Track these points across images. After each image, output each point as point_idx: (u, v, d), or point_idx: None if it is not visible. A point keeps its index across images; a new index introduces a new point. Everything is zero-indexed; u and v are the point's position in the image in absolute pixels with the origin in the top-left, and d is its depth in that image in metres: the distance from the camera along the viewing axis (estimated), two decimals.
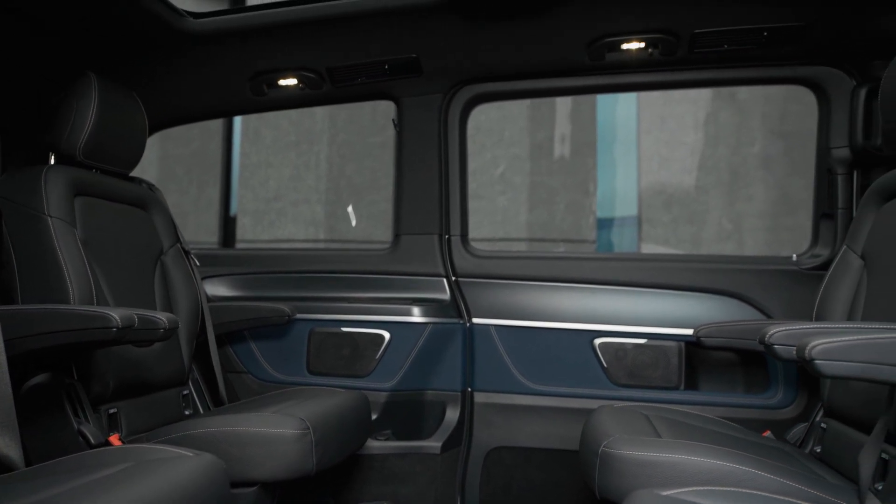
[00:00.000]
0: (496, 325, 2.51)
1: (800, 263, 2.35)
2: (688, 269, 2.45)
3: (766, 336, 1.47)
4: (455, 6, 2.15)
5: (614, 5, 2.13)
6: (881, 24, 2.04)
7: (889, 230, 1.79)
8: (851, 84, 2.25)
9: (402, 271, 2.64)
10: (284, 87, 2.63)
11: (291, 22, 2.31)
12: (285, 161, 9.28)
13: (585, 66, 2.42)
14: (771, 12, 2.10)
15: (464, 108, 2.63)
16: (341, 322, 2.56)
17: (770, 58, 2.30)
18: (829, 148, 2.29)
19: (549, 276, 2.53)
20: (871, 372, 1.25)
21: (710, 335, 2.15)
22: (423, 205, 2.63)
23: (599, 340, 2.43)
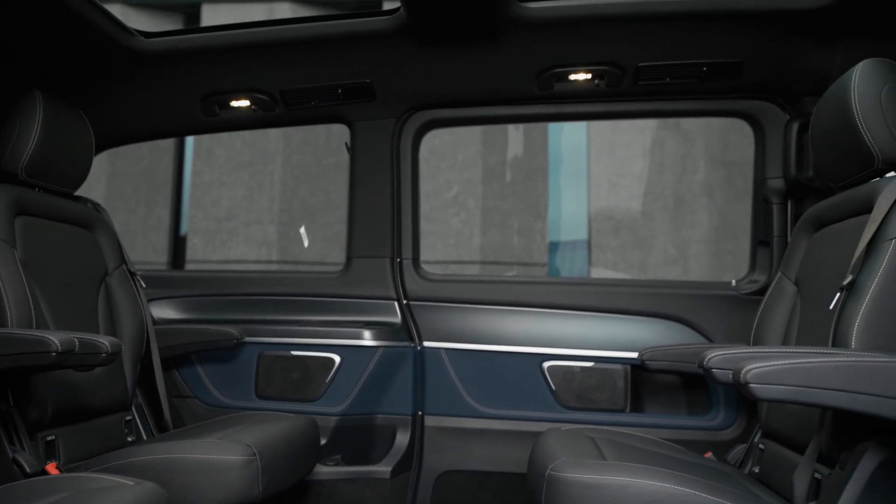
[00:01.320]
0: (447, 348, 2.53)
1: (739, 289, 2.44)
2: (634, 293, 2.51)
3: (704, 360, 1.52)
4: (408, 33, 2.18)
5: (562, 38, 2.20)
6: (810, 62, 2.16)
7: (819, 258, 1.87)
8: (785, 118, 2.36)
9: (353, 294, 2.64)
10: (236, 109, 2.62)
11: (244, 44, 2.31)
12: (238, 181, 9.17)
13: (535, 94, 2.48)
14: (710, 49, 2.19)
15: (416, 133, 2.66)
16: (291, 345, 2.54)
17: (709, 91, 2.40)
18: (765, 178, 2.39)
19: (499, 300, 2.56)
20: (802, 395, 1.30)
21: (654, 358, 2.21)
22: (376, 228, 2.64)
23: (548, 363, 2.46)
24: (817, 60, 2.14)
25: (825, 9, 1.98)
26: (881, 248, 1.54)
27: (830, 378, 1.29)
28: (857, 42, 2.05)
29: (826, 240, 1.87)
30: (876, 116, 1.59)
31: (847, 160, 1.71)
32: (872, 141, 1.60)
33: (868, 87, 1.61)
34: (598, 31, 2.17)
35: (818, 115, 1.81)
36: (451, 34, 2.21)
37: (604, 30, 2.16)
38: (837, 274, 1.66)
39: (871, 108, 1.60)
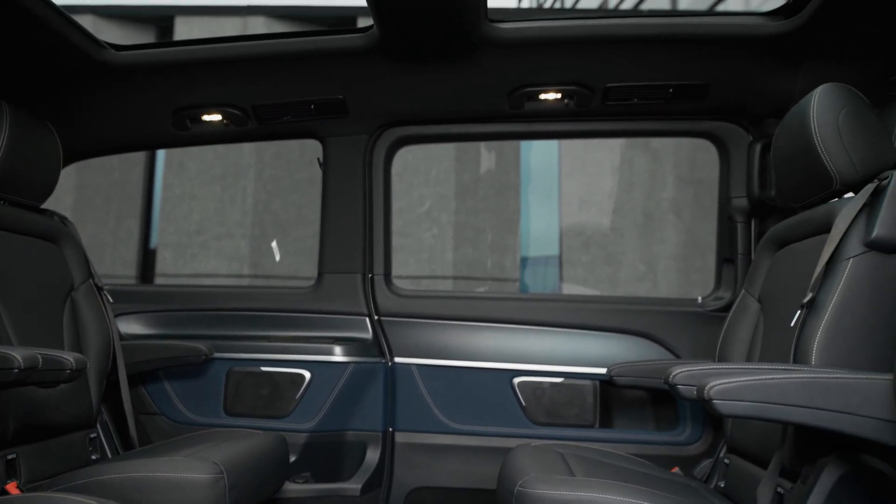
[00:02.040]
0: (418, 364, 2.53)
1: (704, 305, 2.48)
2: (602, 309, 2.54)
3: (669, 376, 1.55)
4: (381, 51, 2.20)
5: (532, 58, 2.24)
6: (772, 86, 2.22)
7: (782, 275, 1.92)
8: (748, 139, 2.42)
9: (324, 310, 2.63)
10: (208, 123, 2.61)
11: (216, 59, 2.31)
12: (210, 194, 9.11)
13: (506, 113, 2.51)
14: (676, 71, 2.25)
15: (389, 149, 2.67)
16: (260, 361, 2.52)
17: (675, 112, 2.45)
18: (730, 197, 2.45)
19: (470, 316, 2.57)
20: (763, 411, 1.33)
21: (622, 374, 2.24)
22: (347, 244, 2.64)
23: (518, 379, 2.48)
24: (779, 84, 2.20)
25: (785, 34, 2.04)
26: (839, 267, 1.59)
27: (791, 394, 1.32)
28: (817, 66, 2.11)
29: (788, 258, 1.92)
30: (834, 140, 1.64)
31: (807, 181, 1.76)
32: (831, 163, 1.65)
33: (826, 111, 1.66)
34: (567, 52, 2.21)
35: (779, 138, 1.86)
36: (424, 52, 2.23)
37: (573, 51, 2.20)
38: (798, 291, 1.70)
39: (829, 131, 1.65)
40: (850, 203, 1.62)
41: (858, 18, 1.86)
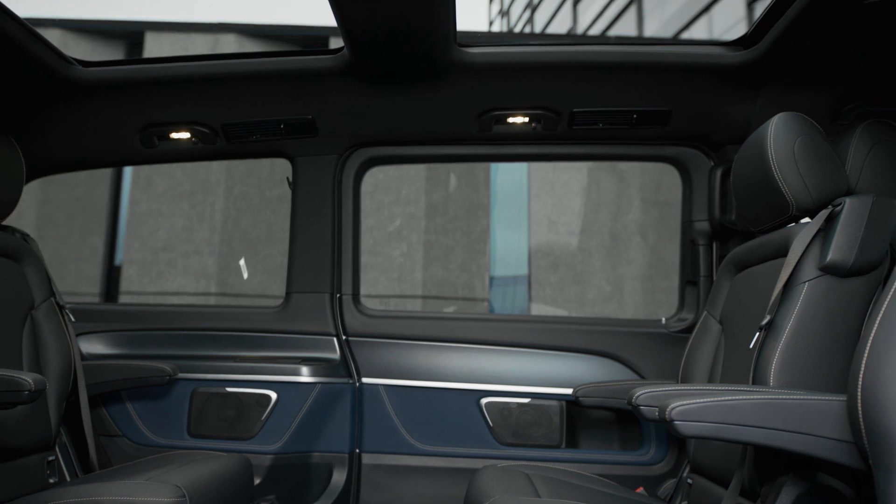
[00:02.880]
0: (385, 384, 2.52)
1: (668, 326, 2.53)
2: (569, 330, 2.56)
3: (632, 398, 1.57)
4: (352, 72, 2.22)
5: (501, 82, 2.27)
6: (732, 113, 2.29)
7: (741, 298, 1.96)
8: (709, 164, 2.48)
9: (292, 330, 2.61)
10: (176, 141, 2.59)
11: (186, 77, 2.30)
12: (178, 211, 9.00)
13: (475, 135, 2.54)
14: (640, 97, 2.30)
15: (358, 169, 2.68)
16: (226, 382, 2.49)
17: (640, 137, 2.51)
18: (692, 221, 2.50)
19: (438, 336, 2.58)
20: (723, 432, 1.36)
21: (588, 395, 2.26)
22: (316, 263, 2.63)
23: (486, 400, 2.49)
24: (738, 112, 2.27)
25: (745, 64, 2.10)
26: (796, 290, 1.63)
27: (749, 415, 1.35)
28: (774, 95, 2.18)
29: (747, 281, 1.96)
30: (790, 167, 1.70)
31: (765, 206, 1.81)
32: (787, 189, 1.70)
33: (783, 139, 1.72)
34: (534, 78, 2.25)
35: (738, 164, 1.92)
36: (394, 75, 2.25)
37: (540, 76, 2.24)
38: (757, 314, 1.74)
39: (786, 159, 1.70)
40: (806, 228, 1.67)
41: (813, 52, 1.93)
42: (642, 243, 6.70)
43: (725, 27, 16.33)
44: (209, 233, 8.94)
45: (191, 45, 9.54)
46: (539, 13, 32.72)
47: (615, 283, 6.73)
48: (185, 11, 52.49)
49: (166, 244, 9.09)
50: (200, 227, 8.96)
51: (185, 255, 8.96)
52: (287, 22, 9.77)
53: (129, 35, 10.07)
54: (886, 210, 1.66)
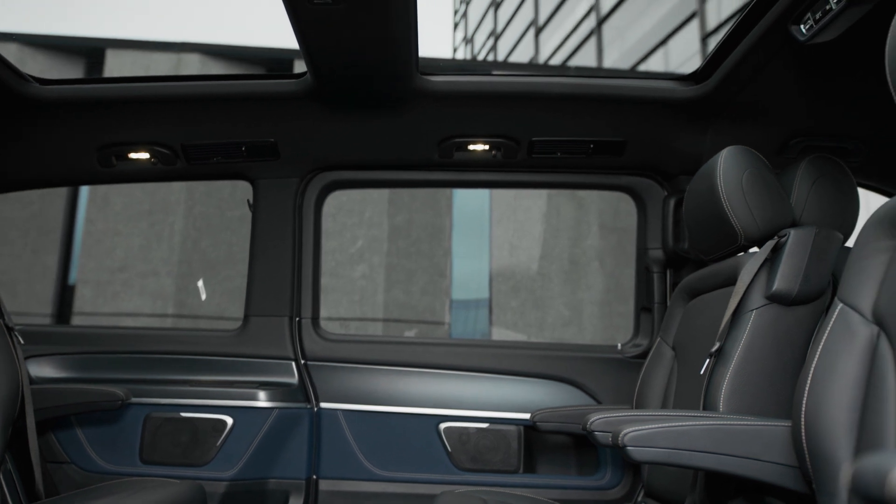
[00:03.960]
0: (344, 409, 2.51)
1: (624, 352, 2.57)
2: (528, 355, 2.59)
3: (587, 423, 1.60)
4: (314, 97, 2.23)
5: (461, 110, 2.31)
6: (684, 145, 2.36)
7: (693, 324, 2.02)
8: (663, 194, 2.55)
9: (249, 354, 2.59)
10: (135, 161, 2.56)
11: (146, 97, 2.29)
12: (136, 230, 8.85)
13: (436, 161, 2.57)
14: (596, 128, 2.37)
15: (320, 193, 2.68)
16: (181, 406, 2.45)
17: (596, 166, 2.56)
18: (647, 248, 2.56)
19: (398, 361, 2.58)
20: (674, 457, 1.39)
21: (545, 420, 2.28)
22: (275, 287, 2.61)
23: (444, 425, 2.49)
24: (690, 143, 2.34)
25: (696, 98, 2.18)
26: (744, 318, 1.69)
27: (698, 440, 1.38)
28: (724, 128, 2.26)
29: (699, 308, 2.02)
30: (738, 198, 1.76)
31: (715, 236, 1.87)
32: (736, 220, 1.77)
33: (731, 171, 1.78)
34: (494, 107, 2.29)
35: (690, 195, 1.98)
36: (357, 101, 2.27)
37: (500, 105, 2.28)
38: (708, 340, 1.79)
39: (734, 190, 1.77)
40: (753, 258, 1.73)
41: (759, 88, 2.02)
42: (600, 269, 6.81)
43: (682, 60, 16.85)
44: (167, 253, 8.80)
45: (153, 63, 9.45)
46: (502, 41, 33.30)
47: (574, 308, 6.82)
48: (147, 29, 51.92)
49: (123, 264, 8.92)
50: (159, 246, 8.82)
51: (142, 276, 8.79)
52: (252, 44, 9.72)
53: (90, 52, 9.94)
54: (828, 241, 1.73)
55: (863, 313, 1.21)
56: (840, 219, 1.85)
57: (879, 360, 1.16)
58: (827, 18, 1.54)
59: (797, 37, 1.66)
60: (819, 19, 1.57)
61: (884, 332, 1.17)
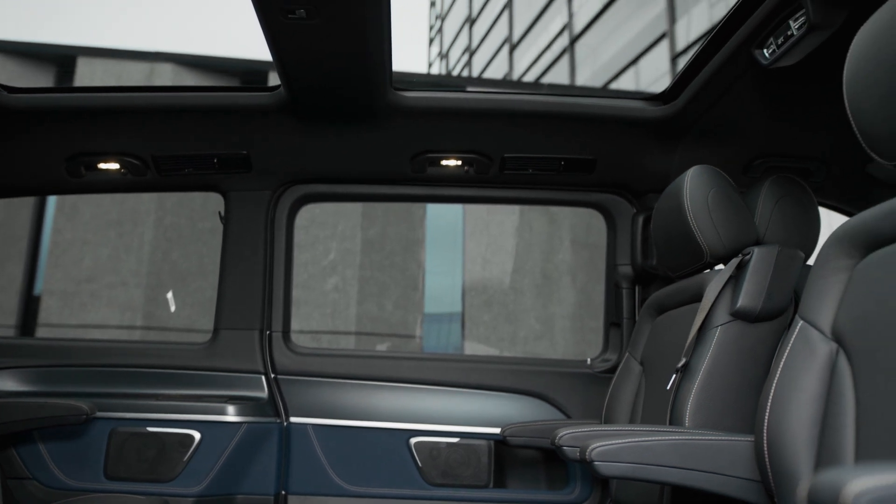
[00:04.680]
0: (314, 424, 2.49)
1: (593, 367, 2.59)
2: (498, 370, 2.60)
3: (555, 438, 1.61)
4: (288, 110, 2.23)
5: (435, 126, 2.33)
6: (652, 163, 2.41)
7: (660, 340, 2.05)
8: (632, 211, 2.59)
9: (219, 367, 2.56)
10: (104, 171, 2.54)
11: (117, 108, 2.27)
12: (104, 240, 8.72)
13: (409, 176, 2.58)
14: (567, 146, 2.40)
15: (292, 206, 2.68)
16: (147, 421, 2.41)
17: (567, 183, 2.60)
18: (616, 265, 2.60)
19: (369, 375, 2.57)
20: (640, 472, 1.40)
21: (515, 434, 2.29)
22: (246, 300, 2.60)
23: (415, 440, 2.48)
24: (658, 162, 2.39)
25: (664, 119, 2.23)
26: (709, 334, 1.72)
27: (664, 455, 1.40)
28: (691, 148, 2.31)
29: (666, 324, 2.05)
30: (704, 217, 1.80)
31: (682, 253, 1.91)
32: (702, 238, 1.80)
33: (698, 190, 1.82)
34: (467, 123, 2.31)
35: (658, 212, 2.02)
36: (331, 115, 2.28)
37: (472, 122, 2.31)
38: (674, 356, 1.82)
39: (701, 209, 1.81)
40: (719, 275, 1.77)
41: (725, 109, 2.07)
42: (572, 284, 6.88)
43: (652, 79, 17.15)
44: (137, 264, 8.68)
45: (125, 72, 9.36)
46: (477, 57, 33.58)
47: (546, 322, 6.86)
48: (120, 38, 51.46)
49: (91, 274, 8.77)
50: (128, 257, 8.69)
51: (110, 287, 8.66)
52: (226, 55, 9.68)
53: (61, 59, 9.81)
54: (790, 260, 1.78)
55: (822, 330, 1.24)
56: (802, 237, 1.89)
57: (838, 377, 1.19)
58: (788, 44, 1.59)
59: (760, 61, 1.71)
60: (781, 44, 1.62)
61: (842, 349, 1.20)
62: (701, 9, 15.72)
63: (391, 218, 7.50)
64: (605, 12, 20.94)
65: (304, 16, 1.68)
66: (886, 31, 1.07)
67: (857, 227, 1.20)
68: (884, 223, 1.14)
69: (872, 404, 1.10)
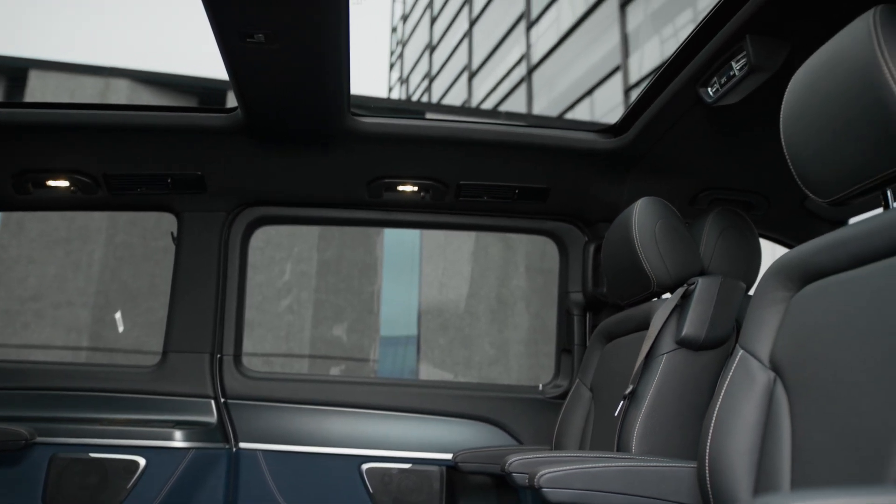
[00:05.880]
0: (264, 450, 2.45)
1: (545, 393, 2.62)
2: (451, 395, 2.61)
3: (505, 464, 1.62)
4: (245, 132, 2.23)
5: (391, 152, 2.35)
6: (603, 194, 2.47)
7: (609, 367, 2.09)
8: (584, 240, 2.64)
9: (167, 391, 2.50)
10: (53, 189, 2.48)
11: (68, 125, 2.23)
12: (51, 258, 8.47)
13: (365, 201, 2.59)
14: (521, 174, 2.45)
15: (246, 228, 2.66)
16: (90, 447, 2.34)
17: (521, 211, 2.64)
18: (568, 292, 2.64)
19: (321, 400, 2.54)
20: (588, 498, 1.42)
21: (467, 460, 2.29)
22: (197, 322, 2.55)
23: (367, 465, 2.46)
24: (608, 193, 2.45)
25: (614, 151, 2.29)
26: (655, 362, 1.76)
27: (611, 481, 1.43)
28: (640, 180, 2.38)
29: (615, 351, 2.09)
30: (651, 247, 1.85)
31: (630, 282, 1.96)
32: (649, 268, 1.85)
33: (645, 221, 1.88)
34: (423, 150, 2.34)
35: (608, 241, 2.07)
36: (288, 138, 2.28)
37: (429, 149, 2.34)
38: (622, 383, 1.86)
39: (648, 240, 1.86)
40: (665, 304, 1.82)
41: (672, 143, 2.14)
42: (526, 309, 6.95)
43: (606, 109, 17.58)
44: (85, 283, 8.46)
45: (79, 87, 9.18)
46: (437, 83, 33.94)
47: (500, 347, 6.90)
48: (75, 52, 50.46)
49: (36, 293, 8.51)
50: (75, 276, 8.46)
51: (55, 306, 8.41)
52: (185, 72, 9.55)
53: (11, 72, 9.58)
54: (733, 290, 1.84)
55: (761, 360, 1.29)
56: (744, 268, 1.96)
57: (776, 405, 1.24)
58: (731, 83, 1.66)
59: (705, 98, 1.78)
60: (724, 83, 1.69)
61: (780, 378, 1.25)
62: (653, 44, 16.25)
63: (348, 241, 7.47)
64: (561, 44, 21.46)
65: (263, 40, 1.69)
66: (818, 77, 1.14)
67: (794, 261, 1.25)
68: (818, 257, 1.20)
69: (807, 431, 1.14)
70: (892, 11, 1.04)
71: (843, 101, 1.07)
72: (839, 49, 1.10)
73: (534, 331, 6.95)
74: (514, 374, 7.01)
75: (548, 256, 6.92)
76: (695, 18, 14.20)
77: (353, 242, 7.44)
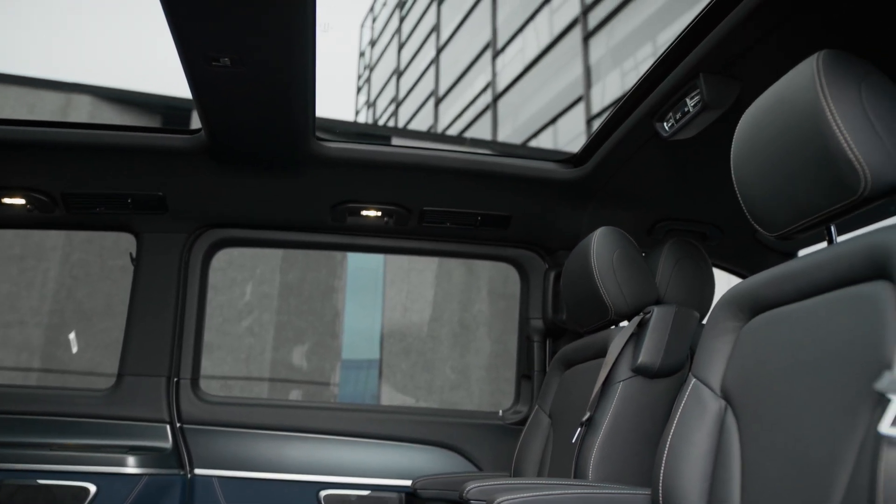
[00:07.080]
0: (220, 476, 2.41)
1: (504, 419, 2.63)
2: (411, 421, 2.60)
3: (464, 491, 1.63)
4: (207, 154, 2.21)
5: (356, 177, 2.36)
6: (563, 222, 2.52)
7: (568, 394, 2.11)
8: (544, 267, 2.68)
9: (121, 416, 2.45)
10: (8, 206, 2.44)
11: (24, 142, 2.20)
12: (4, 276, 8.23)
13: (329, 225, 2.60)
14: (483, 202, 2.48)
15: (207, 250, 2.63)
16: (38, 473, 2.27)
17: (483, 237, 2.67)
18: (528, 318, 2.67)
19: (280, 425, 2.52)
20: None
21: (426, 486, 2.28)
22: (153, 345, 2.51)
23: (325, 492, 2.44)
24: (568, 221, 2.50)
25: (574, 181, 2.34)
26: (612, 389, 1.79)
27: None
28: (599, 210, 2.43)
29: (573, 377, 2.12)
30: (609, 276, 1.89)
31: (589, 310, 1.99)
32: (607, 296, 1.89)
33: (603, 250, 1.92)
34: (387, 175, 2.36)
35: (567, 269, 2.11)
36: (251, 161, 2.27)
37: (392, 174, 2.36)
38: (580, 410, 1.88)
39: (606, 268, 1.90)
40: (621, 332, 1.86)
41: (630, 175, 2.20)
42: (488, 334, 6.97)
43: (569, 138, 17.90)
44: (38, 301, 8.23)
45: (39, 102, 9.01)
46: (403, 108, 34.16)
47: (462, 372, 6.91)
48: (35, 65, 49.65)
49: None
50: (28, 294, 8.23)
51: (6, 326, 8.16)
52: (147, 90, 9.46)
53: None
54: (687, 319, 1.88)
55: (712, 388, 1.32)
56: (698, 297, 2.01)
57: (726, 433, 1.27)
58: (686, 119, 1.72)
59: (661, 132, 1.83)
60: (679, 119, 1.75)
61: (730, 407, 1.28)
62: (614, 77, 16.65)
63: (311, 263, 7.42)
64: (526, 73, 21.84)
65: (229, 64, 1.69)
66: (766, 117, 1.19)
67: (744, 292, 1.30)
68: (766, 290, 1.24)
69: (755, 458, 1.18)
70: (836, 56, 1.09)
71: (789, 140, 1.12)
72: (785, 90, 1.15)
73: (495, 356, 6.97)
74: (475, 399, 7.01)
75: (510, 282, 6.98)
76: (654, 52, 14.62)
77: (316, 265, 7.39)
